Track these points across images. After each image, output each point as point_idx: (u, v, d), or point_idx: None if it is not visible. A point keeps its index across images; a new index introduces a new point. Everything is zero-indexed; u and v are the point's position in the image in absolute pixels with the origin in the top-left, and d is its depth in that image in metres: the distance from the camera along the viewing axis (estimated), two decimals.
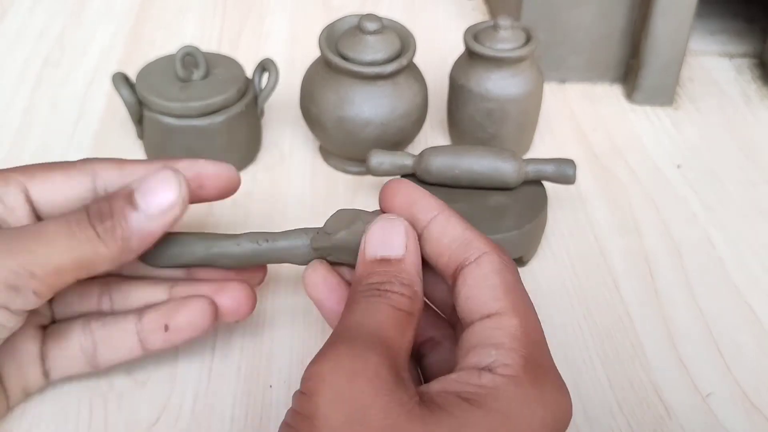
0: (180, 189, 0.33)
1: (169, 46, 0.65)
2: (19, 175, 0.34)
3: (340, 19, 0.51)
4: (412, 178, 0.47)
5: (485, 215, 0.44)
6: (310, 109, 0.50)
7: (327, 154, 0.54)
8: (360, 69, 0.47)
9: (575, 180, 0.46)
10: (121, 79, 0.50)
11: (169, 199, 0.33)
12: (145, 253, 0.34)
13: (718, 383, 0.40)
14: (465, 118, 0.52)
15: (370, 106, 0.48)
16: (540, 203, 0.46)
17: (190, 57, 0.50)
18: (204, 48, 0.60)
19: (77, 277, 0.32)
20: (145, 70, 0.51)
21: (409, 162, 0.46)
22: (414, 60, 0.50)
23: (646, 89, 0.60)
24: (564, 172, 0.46)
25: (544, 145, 0.57)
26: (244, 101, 0.51)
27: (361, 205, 0.50)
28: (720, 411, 0.39)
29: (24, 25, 0.69)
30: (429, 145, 0.50)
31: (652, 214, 0.51)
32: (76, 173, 0.35)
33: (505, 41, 0.50)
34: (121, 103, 0.53)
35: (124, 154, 0.53)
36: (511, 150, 0.46)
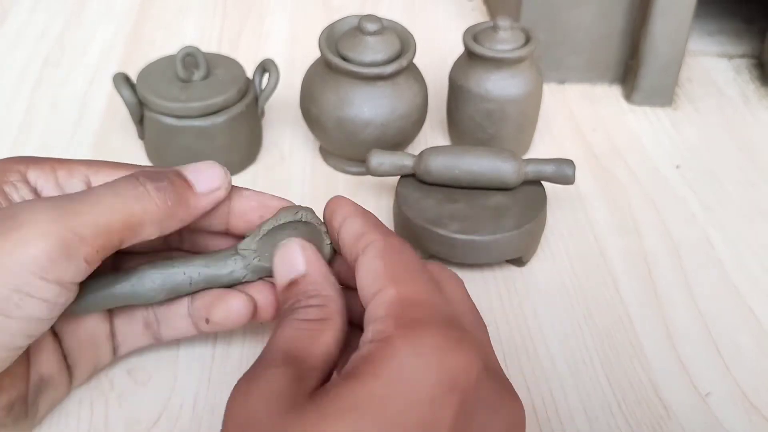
0: (225, 176, 0.35)
1: (170, 47, 0.65)
2: (84, 168, 0.35)
3: (340, 19, 0.51)
4: (412, 179, 0.47)
5: (485, 215, 0.44)
6: (310, 110, 0.50)
7: (327, 154, 0.54)
8: (360, 70, 0.47)
9: (574, 180, 0.46)
10: (122, 80, 0.50)
11: (215, 181, 0.35)
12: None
13: (718, 383, 0.40)
14: (465, 118, 0.52)
15: (370, 106, 0.48)
16: (539, 203, 0.46)
17: (191, 57, 0.50)
18: (204, 48, 0.60)
19: (124, 239, 0.32)
20: (146, 71, 0.51)
21: (408, 162, 0.46)
22: (414, 60, 0.50)
23: (646, 90, 0.61)
24: (563, 172, 0.46)
25: (544, 146, 0.57)
26: (244, 102, 0.51)
27: (362, 205, 0.51)
28: (719, 411, 0.39)
29: (24, 25, 0.69)
30: (429, 146, 0.50)
31: (652, 214, 0.51)
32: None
33: (504, 42, 0.50)
34: (121, 103, 0.53)
35: (124, 155, 0.54)
36: (511, 150, 0.46)
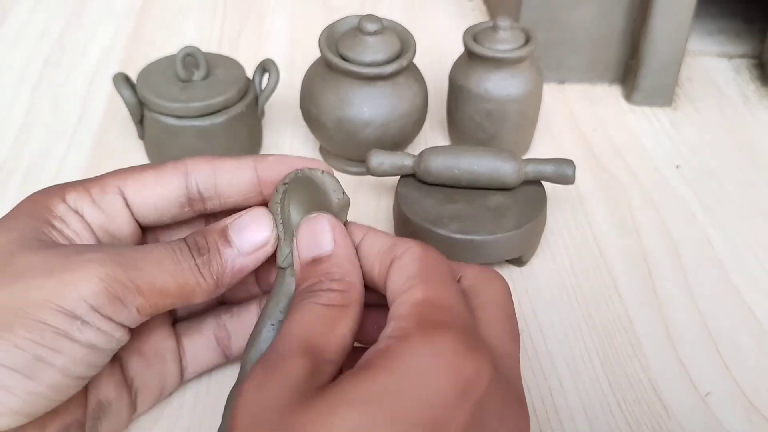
0: (272, 229, 0.34)
1: (170, 47, 0.65)
2: (112, 179, 0.34)
3: (340, 19, 0.51)
4: (412, 179, 0.47)
5: (485, 215, 0.44)
6: (310, 110, 0.50)
7: (327, 154, 0.54)
8: (360, 70, 0.47)
9: (574, 180, 0.46)
10: (122, 80, 0.50)
11: (261, 238, 0.34)
12: None
13: (717, 383, 0.40)
14: (464, 118, 0.52)
15: (370, 106, 0.48)
16: (539, 203, 0.46)
17: (191, 57, 0.50)
18: (204, 48, 0.60)
19: (175, 305, 0.32)
20: (146, 71, 0.51)
21: (408, 162, 0.46)
22: (414, 60, 0.50)
23: (645, 90, 0.61)
24: (563, 172, 0.46)
25: (544, 146, 0.57)
26: (244, 102, 0.51)
27: (362, 205, 0.51)
28: (719, 410, 0.39)
29: (24, 25, 0.69)
30: (429, 146, 0.50)
31: (652, 214, 0.51)
32: (167, 171, 0.35)
33: (504, 42, 0.50)
34: (121, 103, 0.53)
35: (124, 155, 0.54)
36: (511, 150, 0.47)
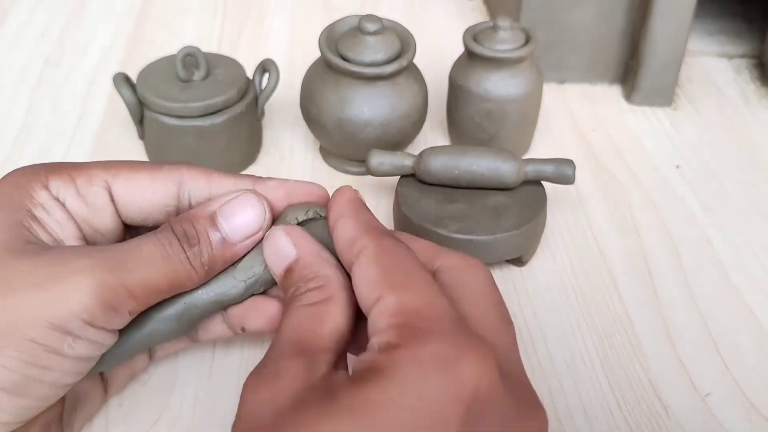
0: (264, 215, 0.34)
1: (170, 47, 0.65)
2: (102, 172, 0.34)
3: (341, 19, 0.51)
4: (412, 179, 0.47)
5: (485, 215, 0.44)
6: (310, 110, 0.50)
7: (327, 154, 0.54)
8: (360, 70, 0.47)
9: (574, 180, 0.46)
10: (122, 80, 0.50)
11: (251, 225, 0.33)
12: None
13: (717, 383, 0.40)
14: (464, 118, 0.52)
15: (370, 106, 0.48)
16: (539, 203, 0.46)
17: (191, 57, 0.50)
18: (204, 48, 0.60)
19: (166, 296, 0.32)
20: (146, 71, 0.51)
21: (408, 162, 0.46)
22: (414, 60, 0.50)
23: (645, 90, 0.61)
24: (563, 172, 0.46)
25: (544, 146, 0.57)
26: (244, 102, 0.51)
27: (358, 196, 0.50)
28: (719, 411, 0.39)
29: (24, 25, 0.69)
30: (429, 146, 0.50)
31: (652, 214, 0.51)
32: (162, 177, 0.34)
33: (504, 42, 0.50)
34: (121, 103, 0.53)
35: (125, 155, 0.54)
36: (511, 150, 0.47)
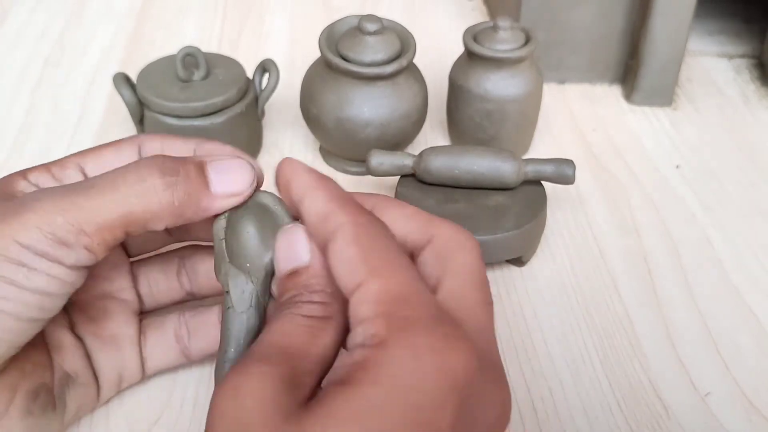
0: (252, 180, 0.33)
1: (170, 47, 0.65)
2: (72, 157, 0.35)
3: (341, 19, 0.51)
4: (412, 179, 0.47)
5: (485, 215, 0.44)
6: (310, 110, 0.50)
7: (327, 154, 0.54)
8: (360, 70, 0.47)
9: (574, 180, 0.46)
10: (122, 80, 0.50)
11: (238, 185, 0.33)
12: None
13: (717, 383, 0.40)
14: (464, 118, 0.52)
15: (370, 106, 0.48)
16: (539, 203, 0.46)
17: (191, 57, 0.50)
18: (204, 48, 0.60)
19: (128, 233, 0.32)
20: (146, 71, 0.51)
21: (408, 162, 0.46)
22: (414, 60, 0.50)
23: (645, 90, 0.61)
24: (563, 172, 0.46)
25: (544, 146, 0.57)
26: (244, 102, 0.51)
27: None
28: (718, 410, 0.39)
29: (24, 25, 0.69)
30: (429, 146, 0.50)
31: (651, 214, 0.51)
32: (124, 146, 0.36)
33: (504, 42, 0.50)
34: (121, 103, 0.53)
35: None
36: (511, 150, 0.47)
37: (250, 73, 0.54)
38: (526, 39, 0.51)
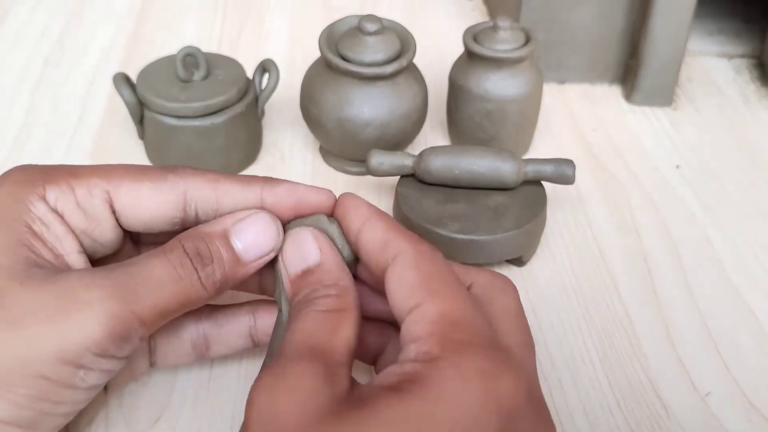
0: (278, 235, 0.33)
1: (170, 47, 0.65)
2: (102, 182, 0.32)
3: (340, 19, 0.51)
4: (412, 179, 0.47)
5: (485, 215, 0.44)
6: (310, 110, 0.50)
7: (327, 154, 0.54)
8: (360, 70, 0.47)
9: (574, 180, 0.46)
10: (122, 80, 0.50)
11: (267, 247, 0.33)
12: None
13: (717, 383, 0.40)
14: (464, 118, 0.52)
15: (370, 106, 0.48)
16: (539, 203, 0.46)
17: (191, 57, 0.50)
18: (204, 48, 0.60)
19: (175, 316, 0.32)
20: (146, 71, 0.51)
21: (408, 162, 0.46)
22: (414, 60, 0.50)
23: (645, 90, 0.61)
24: (563, 172, 0.46)
25: (544, 146, 0.57)
26: (244, 102, 0.51)
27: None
28: (718, 410, 0.39)
29: (24, 25, 0.69)
30: (429, 146, 0.50)
31: (651, 214, 0.51)
32: (166, 188, 0.33)
33: (504, 42, 0.50)
34: (121, 103, 0.53)
35: (125, 155, 0.54)
36: (511, 150, 0.47)
37: (250, 73, 0.54)
38: (526, 39, 0.51)
